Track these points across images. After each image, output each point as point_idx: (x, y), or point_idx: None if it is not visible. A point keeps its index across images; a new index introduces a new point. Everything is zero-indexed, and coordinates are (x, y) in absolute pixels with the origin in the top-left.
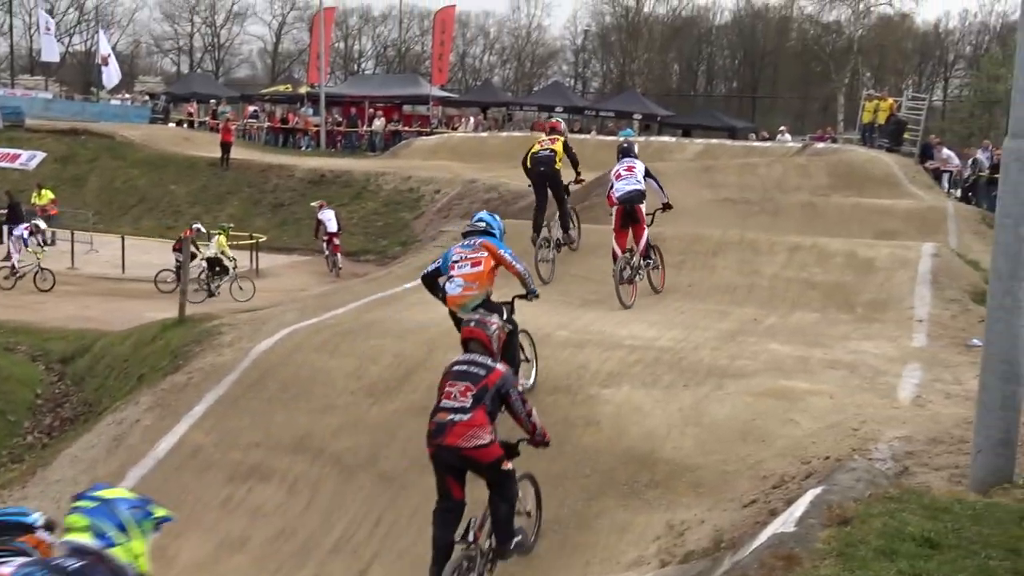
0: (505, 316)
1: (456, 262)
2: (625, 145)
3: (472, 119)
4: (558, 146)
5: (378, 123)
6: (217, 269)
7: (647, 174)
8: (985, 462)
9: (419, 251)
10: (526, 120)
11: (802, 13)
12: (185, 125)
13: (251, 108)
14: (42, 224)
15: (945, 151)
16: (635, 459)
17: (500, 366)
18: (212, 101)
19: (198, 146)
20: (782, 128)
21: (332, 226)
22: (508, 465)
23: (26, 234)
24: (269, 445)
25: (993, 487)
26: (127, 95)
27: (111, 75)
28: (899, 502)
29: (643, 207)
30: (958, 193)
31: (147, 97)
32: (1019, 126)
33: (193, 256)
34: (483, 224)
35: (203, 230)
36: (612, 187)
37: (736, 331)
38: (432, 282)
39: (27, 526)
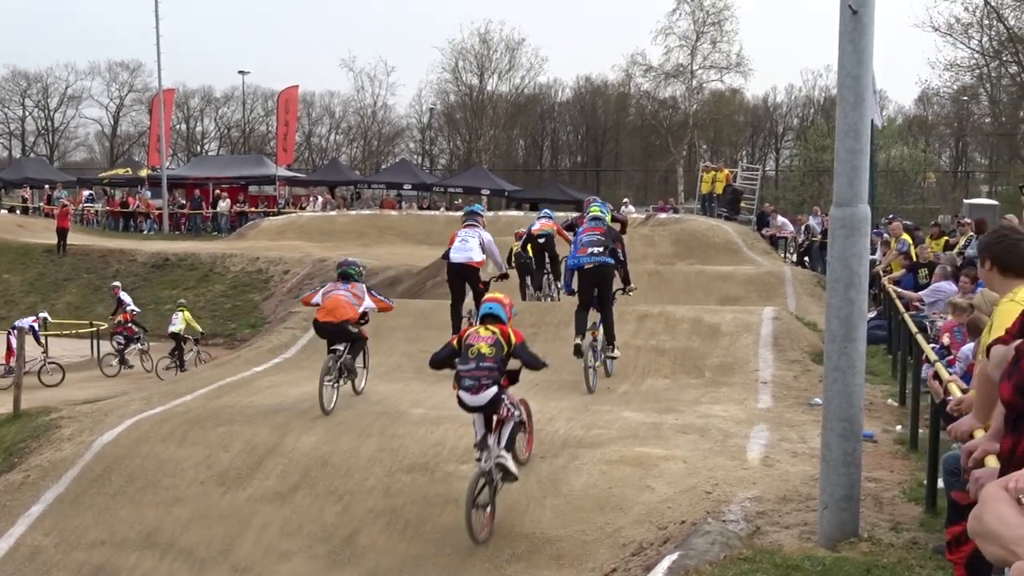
0: None
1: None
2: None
3: (320, 198)
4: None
5: (223, 204)
6: (182, 345)
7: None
8: (831, 518)
9: (269, 333)
10: (374, 198)
11: (639, 90)
12: (18, 211)
13: (85, 192)
14: (49, 317)
15: (780, 218)
16: (496, 534)
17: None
18: (47, 186)
19: (33, 233)
20: (625, 200)
21: (132, 304)
22: None
23: (36, 326)
24: (115, 542)
25: (840, 542)
26: None
27: None
28: (752, 562)
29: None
30: (794, 258)
31: None
32: (842, 195)
33: (137, 338)
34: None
35: (138, 310)
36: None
37: (590, 400)
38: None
39: (479, 214)
